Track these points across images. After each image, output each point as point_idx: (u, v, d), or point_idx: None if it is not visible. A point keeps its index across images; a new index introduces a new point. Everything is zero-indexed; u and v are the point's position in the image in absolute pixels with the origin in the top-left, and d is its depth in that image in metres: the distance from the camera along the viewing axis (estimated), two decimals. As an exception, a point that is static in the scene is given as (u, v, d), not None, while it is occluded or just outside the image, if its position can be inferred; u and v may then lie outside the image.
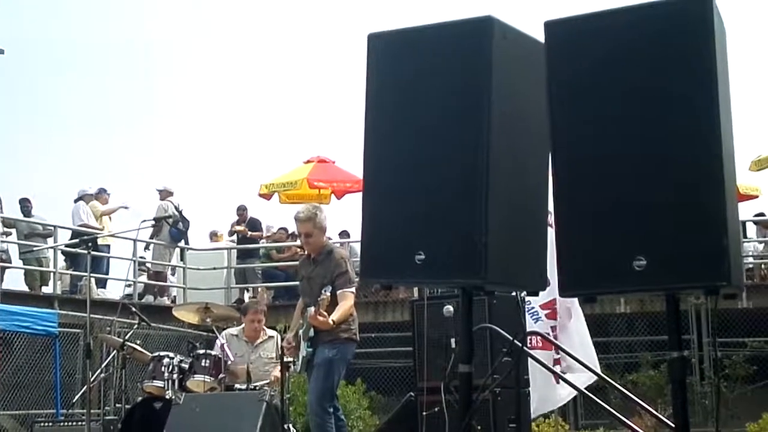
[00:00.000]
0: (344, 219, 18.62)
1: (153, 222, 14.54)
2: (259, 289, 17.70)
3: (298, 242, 18.43)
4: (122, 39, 40.51)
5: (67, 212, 16.63)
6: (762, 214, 18.10)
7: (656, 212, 3.47)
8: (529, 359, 7.49)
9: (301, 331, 7.74)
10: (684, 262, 3.40)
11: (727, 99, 3.59)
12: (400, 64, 4.11)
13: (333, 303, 7.48)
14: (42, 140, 36.31)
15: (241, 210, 18.97)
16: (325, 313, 7.35)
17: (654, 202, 3.47)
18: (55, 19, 38.67)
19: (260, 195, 19.97)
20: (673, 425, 3.72)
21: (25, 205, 16.29)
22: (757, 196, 19.45)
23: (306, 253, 8.15)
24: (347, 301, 7.62)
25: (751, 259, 17.39)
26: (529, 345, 8.42)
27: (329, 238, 9.09)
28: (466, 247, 3.83)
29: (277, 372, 8.39)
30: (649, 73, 3.53)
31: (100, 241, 15.80)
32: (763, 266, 17.81)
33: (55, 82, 38.37)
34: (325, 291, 7.34)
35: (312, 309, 7.40)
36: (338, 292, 7.53)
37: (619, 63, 3.61)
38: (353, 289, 7.76)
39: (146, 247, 17.75)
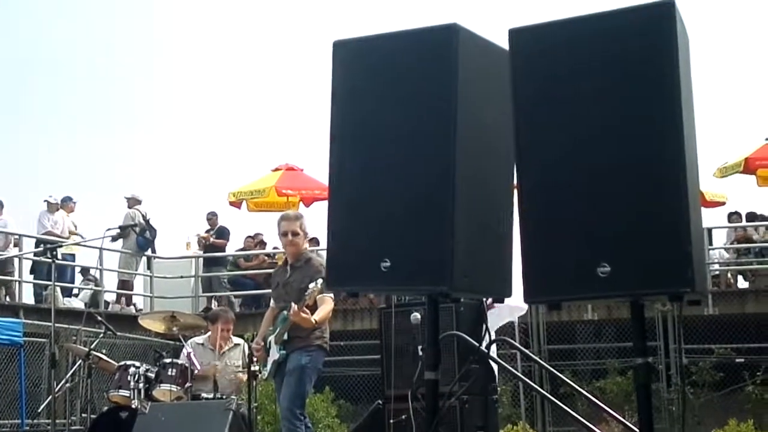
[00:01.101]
0: (312, 227, 18.56)
1: (118, 230, 14.43)
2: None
3: (266, 250, 18.46)
4: (89, 43, 40.31)
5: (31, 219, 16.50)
6: (736, 213, 18.16)
7: (620, 219, 3.48)
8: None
9: (272, 336, 7.71)
10: (648, 268, 3.41)
11: (691, 107, 3.61)
12: (365, 71, 4.11)
13: (311, 308, 7.48)
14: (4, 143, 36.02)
15: (211, 216, 18.88)
16: (308, 311, 7.36)
17: (618, 210, 3.49)
18: (24, 18, 38.37)
19: (230, 203, 19.91)
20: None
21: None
22: (723, 203, 19.60)
23: (283, 260, 8.11)
24: (327, 305, 7.63)
25: (716, 266, 17.51)
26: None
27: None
28: (432, 254, 3.84)
29: (244, 376, 8.36)
30: (613, 81, 3.55)
31: (65, 250, 15.68)
32: (729, 274, 17.92)
33: (20, 83, 38.06)
34: (315, 283, 7.31)
35: (295, 306, 7.38)
36: (318, 296, 7.52)
37: (583, 71, 3.63)
38: (332, 295, 7.76)
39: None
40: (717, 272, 17.42)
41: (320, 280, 7.33)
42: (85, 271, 17.92)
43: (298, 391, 7.52)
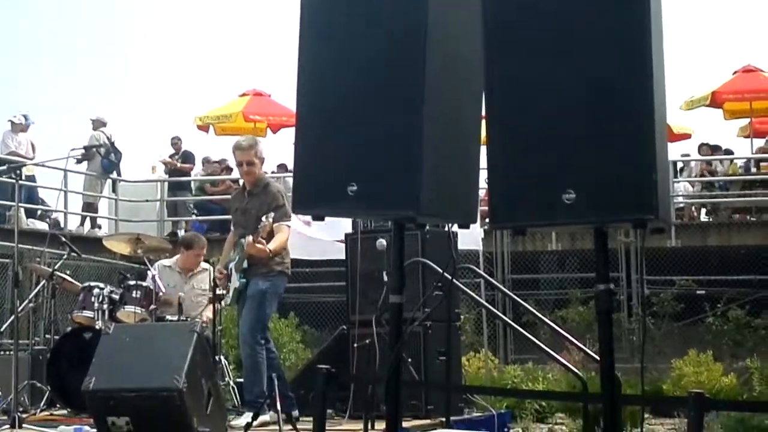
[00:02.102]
0: (280, 153, 18.51)
1: (83, 150, 14.28)
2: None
3: (233, 176, 18.38)
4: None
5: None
6: (706, 145, 18.23)
7: (586, 146, 3.50)
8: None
9: (233, 264, 7.72)
10: (613, 195, 3.44)
11: (660, 34, 3.61)
12: (335, 1, 4.08)
13: (269, 234, 7.48)
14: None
15: (175, 140, 18.73)
16: (263, 241, 7.36)
17: (584, 136, 3.50)
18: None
19: (198, 127, 19.76)
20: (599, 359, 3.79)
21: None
22: (689, 136, 19.69)
23: (239, 186, 8.10)
24: (283, 233, 7.63)
25: (681, 199, 17.63)
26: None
27: (266, 172, 9.04)
28: (399, 179, 3.84)
29: (208, 312, 8.38)
30: (582, 8, 3.54)
31: (26, 171, 15.49)
32: (693, 207, 18.06)
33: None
34: (266, 218, 7.33)
35: (250, 237, 7.39)
36: (275, 224, 7.51)
37: (552, 3, 3.61)
38: (289, 223, 7.76)
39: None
40: (681, 205, 17.56)
41: (271, 215, 7.35)
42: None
43: (258, 315, 7.54)
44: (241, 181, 8.27)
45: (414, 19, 3.84)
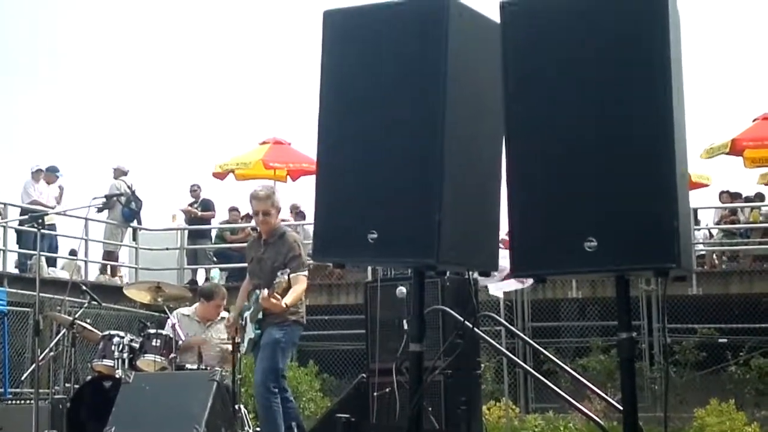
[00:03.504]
0: (299, 201, 18.52)
1: (104, 199, 14.37)
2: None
3: (252, 224, 18.42)
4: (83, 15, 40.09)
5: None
6: (726, 192, 18.17)
7: (608, 194, 3.49)
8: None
9: (248, 313, 7.70)
10: (634, 243, 3.42)
11: (680, 86, 3.61)
12: (355, 41, 4.10)
13: (286, 286, 7.45)
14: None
15: (195, 188, 18.83)
16: (279, 296, 7.31)
17: (606, 185, 3.50)
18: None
19: (214, 174, 19.83)
20: (622, 408, 3.76)
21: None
22: (707, 185, 19.61)
23: (255, 234, 8.10)
24: (300, 284, 7.58)
25: (701, 246, 17.54)
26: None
27: (284, 220, 9.06)
28: (419, 226, 3.84)
29: (228, 351, 8.36)
30: (604, 57, 3.55)
31: (48, 220, 15.58)
32: (714, 255, 17.97)
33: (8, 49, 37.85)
34: (282, 274, 7.28)
35: (265, 291, 7.35)
36: (291, 275, 7.49)
37: (574, 46, 3.63)
38: (306, 273, 7.73)
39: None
40: (702, 252, 17.46)
41: (287, 271, 7.29)
42: (72, 252, 17.88)
43: (271, 365, 7.49)
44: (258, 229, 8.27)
45: (433, 71, 3.85)
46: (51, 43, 39.35)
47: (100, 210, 16.76)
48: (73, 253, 18.26)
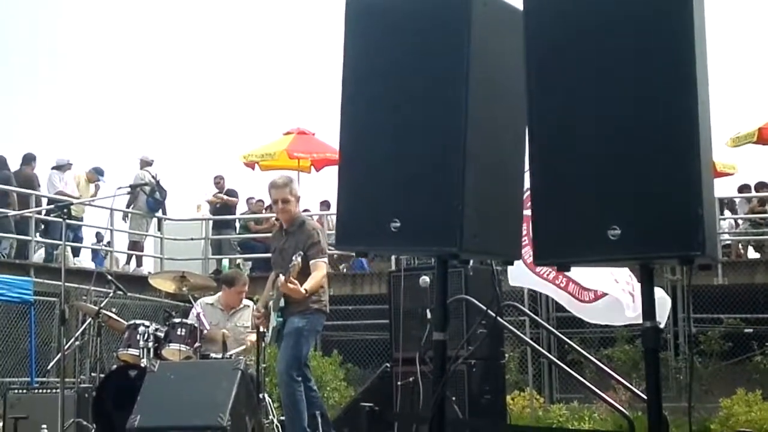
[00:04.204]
0: (323, 190, 18.59)
1: (129, 189, 14.44)
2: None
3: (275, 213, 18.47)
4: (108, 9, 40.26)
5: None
6: (746, 187, 18.08)
7: (631, 181, 3.46)
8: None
9: (271, 302, 7.73)
10: (659, 231, 3.39)
11: (705, 73, 3.57)
12: (377, 30, 4.08)
13: (305, 273, 7.47)
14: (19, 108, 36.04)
15: (218, 179, 18.90)
16: (296, 281, 7.34)
17: (629, 171, 3.46)
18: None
19: (244, 164, 19.90)
20: (646, 397, 3.74)
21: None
22: (732, 174, 19.49)
23: (278, 225, 8.14)
24: (319, 271, 7.60)
25: (727, 236, 17.45)
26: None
27: (307, 210, 9.09)
28: (442, 215, 3.82)
29: (253, 336, 8.39)
30: (626, 40, 3.52)
31: (76, 213, 15.71)
32: (740, 244, 17.87)
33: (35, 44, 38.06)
34: (295, 257, 7.32)
35: (283, 277, 7.39)
36: (311, 262, 7.51)
37: (596, 31, 3.59)
38: (326, 260, 7.75)
39: (124, 217, 17.67)
40: (728, 242, 17.37)
41: (300, 254, 7.32)
42: (99, 236, 18.02)
43: (294, 353, 7.52)
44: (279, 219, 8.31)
45: (456, 61, 3.83)
46: (52, 43, 39.48)
47: (129, 204, 16.95)
48: (99, 237, 18.41)
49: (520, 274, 7.57)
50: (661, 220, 3.38)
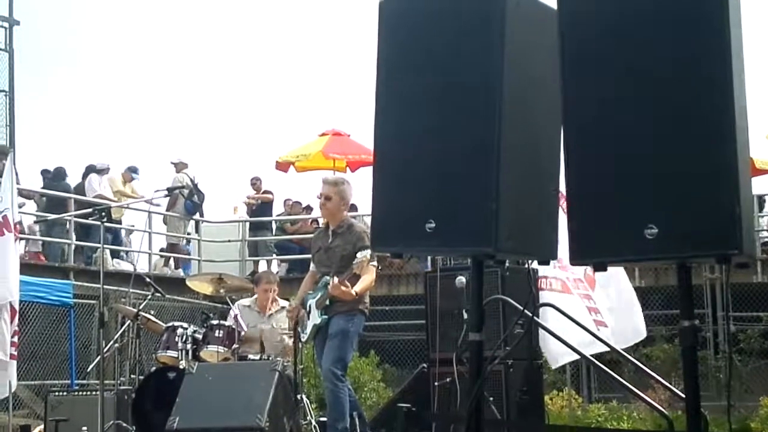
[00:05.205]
0: (358, 192, 18.59)
1: (166, 192, 14.54)
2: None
3: (312, 215, 18.53)
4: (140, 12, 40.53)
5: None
6: None
7: (668, 180, 3.43)
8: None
9: (312, 300, 7.74)
10: (696, 230, 3.37)
11: (741, 69, 3.53)
12: (411, 30, 4.09)
13: (353, 275, 7.51)
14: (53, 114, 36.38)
15: (254, 181, 18.98)
16: (348, 284, 7.38)
17: (666, 170, 3.44)
18: None
19: (277, 166, 19.96)
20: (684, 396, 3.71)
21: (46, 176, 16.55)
22: (773, 171, 19.25)
23: (323, 225, 8.18)
24: (370, 274, 7.65)
25: (765, 233, 17.27)
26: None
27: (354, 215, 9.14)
28: (477, 215, 3.82)
29: (289, 342, 8.42)
30: (662, 39, 3.49)
31: (115, 216, 15.86)
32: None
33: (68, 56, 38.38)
34: (362, 254, 7.37)
35: (336, 278, 7.42)
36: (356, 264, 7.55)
37: (631, 29, 3.57)
38: (375, 263, 7.78)
39: (165, 220, 17.81)
40: (766, 240, 17.19)
41: (368, 251, 7.35)
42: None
43: (341, 354, 7.56)
44: (320, 221, 8.35)
45: (490, 62, 3.82)
46: (88, 47, 39.76)
47: (169, 209, 17.08)
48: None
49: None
50: (698, 218, 3.35)
